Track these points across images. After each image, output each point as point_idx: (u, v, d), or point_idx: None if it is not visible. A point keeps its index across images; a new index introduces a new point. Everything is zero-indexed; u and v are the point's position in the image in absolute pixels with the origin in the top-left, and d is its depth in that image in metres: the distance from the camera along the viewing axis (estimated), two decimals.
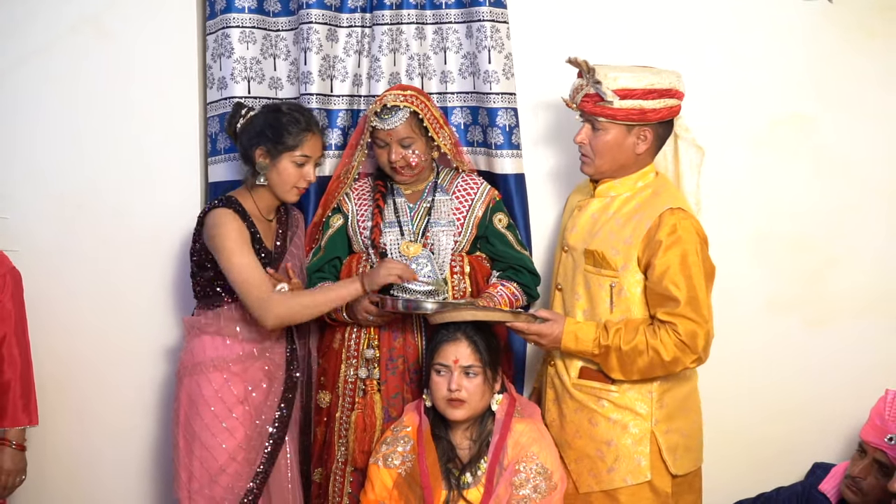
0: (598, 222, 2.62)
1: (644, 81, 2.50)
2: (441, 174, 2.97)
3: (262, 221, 2.78)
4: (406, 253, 2.83)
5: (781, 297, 3.17)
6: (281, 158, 2.71)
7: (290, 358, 2.80)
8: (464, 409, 2.55)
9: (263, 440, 2.70)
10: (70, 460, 3.25)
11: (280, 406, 2.74)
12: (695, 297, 2.45)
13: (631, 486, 2.54)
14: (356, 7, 3.11)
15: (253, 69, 3.11)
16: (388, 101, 2.79)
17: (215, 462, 2.65)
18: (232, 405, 2.67)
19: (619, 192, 2.62)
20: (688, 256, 2.47)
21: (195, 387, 2.70)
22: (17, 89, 3.20)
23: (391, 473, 2.58)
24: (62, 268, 3.21)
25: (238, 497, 2.65)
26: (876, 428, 2.57)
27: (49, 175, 3.21)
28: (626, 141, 2.56)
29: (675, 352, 2.45)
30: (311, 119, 2.77)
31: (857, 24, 3.11)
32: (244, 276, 2.62)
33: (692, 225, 2.51)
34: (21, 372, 2.94)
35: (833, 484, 2.78)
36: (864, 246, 3.16)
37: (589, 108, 2.54)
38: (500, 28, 3.05)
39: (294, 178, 2.72)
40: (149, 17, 3.18)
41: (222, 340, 2.72)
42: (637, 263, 2.53)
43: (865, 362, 3.13)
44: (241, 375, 2.70)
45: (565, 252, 2.70)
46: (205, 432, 2.66)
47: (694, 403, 2.68)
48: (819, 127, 3.14)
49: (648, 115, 2.53)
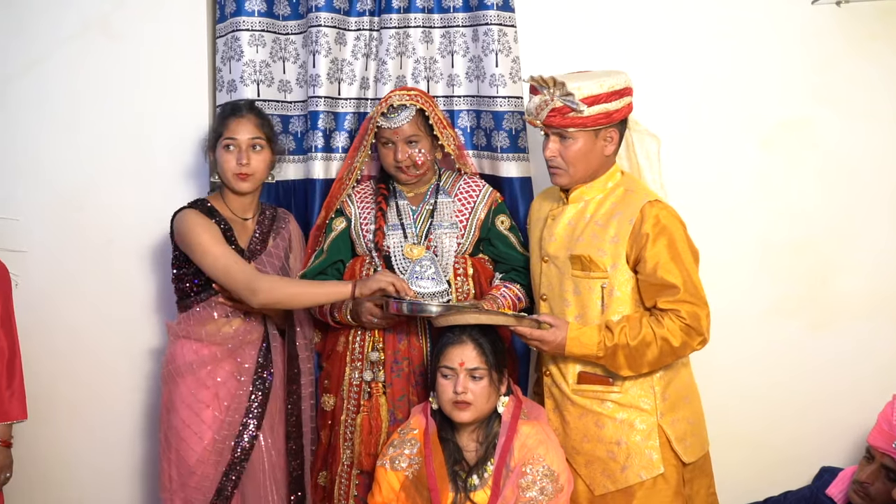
0: (577, 228, 2.65)
1: (606, 85, 2.55)
2: (443, 176, 2.97)
3: (234, 220, 2.81)
4: (409, 255, 2.84)
5: (786, 301, 3.17)
6: (217, 149, 2.80)
7: (262, 361, 2.79)
8: (470, 411, 2.56)
9: (232, 441, 2.71)
10: (62, 460, 3.26)
11: (250, 408, 2.74)
12: (689, 280, 2.52)
13: (646, 481, 2.57)
14: (364, 10, 3.13)
15: (262, 72, 3.12)
16: (393, 101, 2.81)
17: (186, 464, 2.71)
18: (200, 409, 2.71)
19: (593, 196, 2.66)
20: (676, 244, 2.53)
21: (172, 390, 2.76)
22: (26, 91, 3.21)
23: (398, 476, 2.59)
24: (66, 270, 3.22)
25: (207, 499, 2.69)
26: (883, 433, 2.57)
27: (54, 177, 3.22)
28: (595, 146, 2.61)
29: (683, 336, 2.50)
30: (237, 104, 2.86)
31: (861, 28, 3.12)
32: (224, 262, 2.67)
33: (671, 213, 2.58)
34: (7, 366, 2.87)
35: (840, 488, 2.77)
36: (868, 249, 3.16)
37: (557, 122, 2.57)
38: (507, 32, 3.06)
39: (228, 163, 2.77)
40: (158, 19, 3.19)
41: (191, 344, 2.76)
42: (626, 261, 2.56)
43: (871, 366, 3.13)
44: (210, 379, 2.73)
45: (545, 262, 2.72)
46: (176, 435, 2.72)
47: (693, 390, 2.72)
48: (823, 131, 3.15)
49: (613, 115, 2.59)
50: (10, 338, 2.92)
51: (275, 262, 2.83)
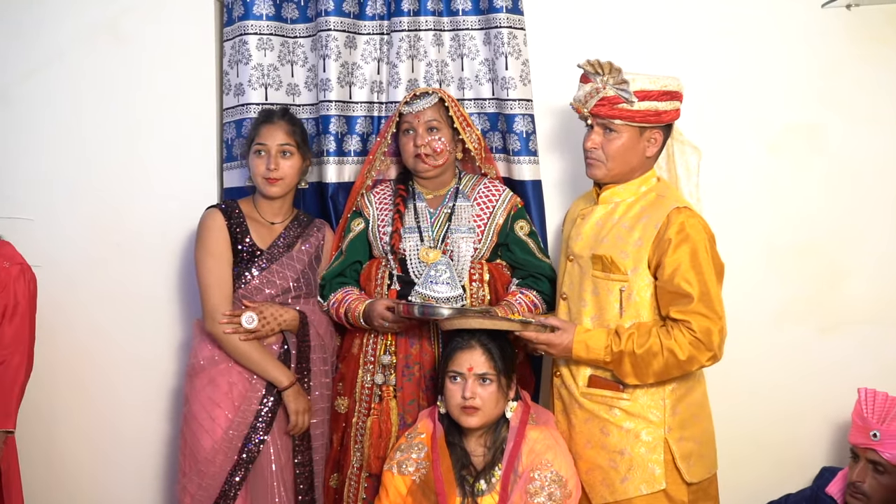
0: (603, 228, 2.61)
1: (658, 83, 2.52)
2: (463, 180, 2.97)
3: (260, 223, 2.88)
4: (425, 259, 2.83)
5: (792, 305, 3.17)
6: (249, 155, 2.87)
7: (281, 359, 2.81)
8: (478, 416, 2.55)
9: (241, 441, 2.73)
10: (82, 461, 3.27)
11: (260, 412, 2.76)
12: (707, 293, 2.45)
13: (646, 496, 2.52)
14: (374, 14, 3.13)
15: (270, 76, 3.12)
16: (417, 91, 2.88)
17: (197, 458, 2.75)
18: (212, 407, 2.76)
19: (624, 198, 2.63)
20: (698, 253, 2.47)
21: (190, 386, 2.83)
22: (32, 94, 3.21)
23: (405, 480, 2.58)
24: (77, 274, 3.22)
25: (212, 498, 2.72)
26: (859, 429, 2.57)
27: (61, 180, 3.22)
28: (638, 144, 2.57)
29: (691, 350, 2.44)
30: (271, 111, 2.91)
31: (869, 32, 3.12)
32: (207, 278, 2.79)
33: (699, 223, 2.52)
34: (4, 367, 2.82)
35: (840, 486, 2.76)
36: (874, 253, 3.16)
37: (605, 112, 2.53)
38: (517, 34, 3.05)
39: (258, 168, 2.84)
40: (166, 23, 3.19)
41: (211, 343, 2.81)
42: (647, 265, 2.52)
43: (876, 368, 3.13)
44: (224, 379, 2.77)
45: (570, 261, 2.69)
46: (190, 430, 2.79)
47: (705, 411, 2.66)
48: (830, 135, 3.15)
49: (662, 116, 2.55)
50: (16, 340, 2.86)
51: (295, 266, 2.87)
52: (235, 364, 2.79)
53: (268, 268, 2.84)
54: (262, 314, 2.78)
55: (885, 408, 2.54)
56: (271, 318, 2.79)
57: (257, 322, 2.76)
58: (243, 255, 2.82)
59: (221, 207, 2.87)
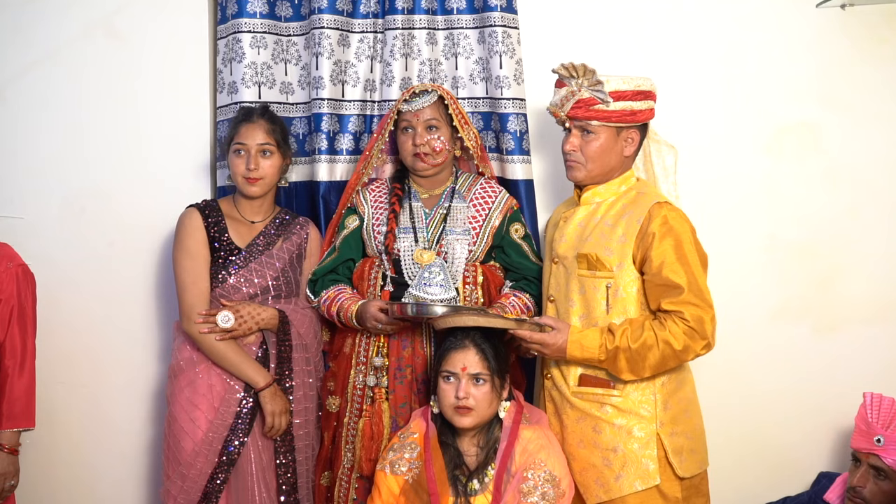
0: (587, 228, 2.64)
1: (632, 84, 2.57)
2: (460, 179, 2.95)
3: (239, 221, 2.87)
4: (419, 260, 2.82)
5: (789, 304, 3.17)
6: (229, 154, 2.86)
7: (261, 360, 2.80)
8: (471, 416, 2.54)
9: (221, 443, 2.72)
10: (68, 463, 3.25)
11: (240, 412, 2.75)
12: (695, 282, 2.49)
13: (640, 493, 2.53)
14: (368, 13, 3.13)
15: (264, 74, 3.11)
16: (416, 89, 2.86)
17: (177, 463, 2.74)
18: (191, 409, 2.75)
19: (605, 198, 2.66)
20: (682, 245, 2.51)
21: (172, 386, 2.82)
22: (28, 92, 3.21)
23: (398, 480, 2.57)
24: (68, 271, 3.21)
25: (194, 500, 2.71)
26: (862, 433, 2.57)
27: (56, 178, 3.21)
28: (616, 144, 2.61)
29: (685, 339, 2.47)
30: (250, 109, 2.89)
31: (866, 31, 3.12)
32: (183, 279, 2.79)
33: (680, 215, 2.56)
34: (18, 370, 2.84)
35: (838, 493, 2.76)
36: (872, 252, 3.16)
37: (582, 114, 2.58)
38: (511, 34, 3.05)
39: (238, 168, 2.83)
40: (160, 20, 3.19)
41: (190, 343, 2.81)
42: (632, 261, 2.55)
43: (874, 369, 3.13)
44: (203, 380, 2.76)
45: (555, 263, 2.71)
46: (172, 434, 2.78)
47: (695, 406, 2.68)
48: (827, 134, 3.15)
49: (637, 115, 2.60)
50: (24, 342, 2.89)
51: (275, 264, 2.85)
52: (214, 365, 2.77)
53: (246, 266, 2.82)
54: (239, 313, 2.76)
55: (891, 413, 2.55)
56: (248, 317, 2.77)
57: (234, 321, 2.74)
58: (221, 254, 2.81)
59: (199, 206, 2.86)
